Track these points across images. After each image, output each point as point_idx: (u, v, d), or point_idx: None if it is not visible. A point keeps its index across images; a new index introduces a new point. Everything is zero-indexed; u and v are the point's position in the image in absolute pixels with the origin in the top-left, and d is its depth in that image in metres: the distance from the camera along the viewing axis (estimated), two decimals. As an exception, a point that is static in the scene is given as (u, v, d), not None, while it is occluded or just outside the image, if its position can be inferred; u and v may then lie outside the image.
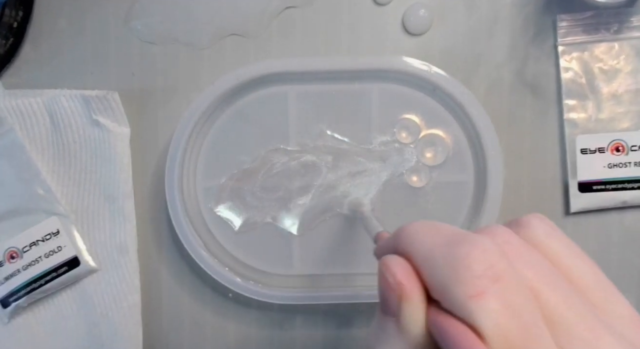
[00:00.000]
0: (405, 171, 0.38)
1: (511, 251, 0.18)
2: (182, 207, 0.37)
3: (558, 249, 0.19)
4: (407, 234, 0.20)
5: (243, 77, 0.37)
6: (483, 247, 0.18)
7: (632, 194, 0.38)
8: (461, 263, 0.17)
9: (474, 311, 0.17)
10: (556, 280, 0.18)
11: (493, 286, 0.17)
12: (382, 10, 0.39)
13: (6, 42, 0.39)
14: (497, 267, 0.17)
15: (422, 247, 0.19)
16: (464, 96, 0.36)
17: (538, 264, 0.18)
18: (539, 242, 0.19)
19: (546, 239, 0.19)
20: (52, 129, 0.38)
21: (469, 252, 0.18)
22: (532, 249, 0.19)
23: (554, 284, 0.18)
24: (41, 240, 0.38)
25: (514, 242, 0.19)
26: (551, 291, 0.18)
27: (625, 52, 0.38)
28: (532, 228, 0.20)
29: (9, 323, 0.39)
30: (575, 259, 0.19)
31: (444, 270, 0.18)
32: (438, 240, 0.19)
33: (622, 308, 0.18)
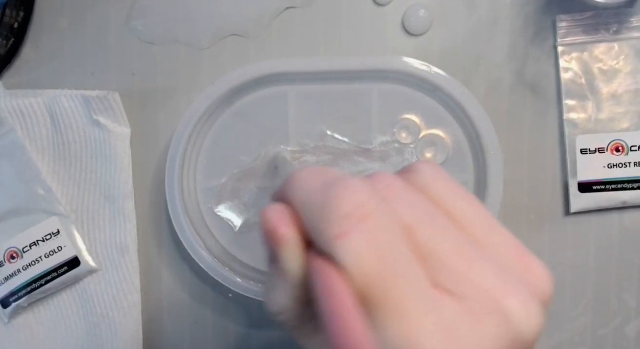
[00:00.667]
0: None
1: (391, 193, 0.19)
2: (182, 207, 0.37)
3: (442, 191, 0.20)
4: (292, 180, 0.21)
5: (243, 77, 0.37)
6: (353, 189, 0.18)
7: (632, 194, 0.38)
8: (330, 204, 0.18)
9: (338, 250, 0.17)
10: (434, 217, 0.19)
11: (358, 225, 0.17)
12: (382, 10, 0.39)
13: (7, 42, 0.39)
14: (365, 207, 0.18)
15: (300, 192, 0.20)
16: (464, 96, 0.36)
17: (417, 203, 0.19)
18: (425, 185, 0.20)
19: (432, 182, 0.20)
20: (53, 129, 0.38)
21: (338, 193, 0.18)
22: (415, 191, 0.19)
23: (430, 221, 0.18)
24: (41, 240, 0.38)
25: (395, 185, 0.19)
26: (426, 228, 0.18)
27: (625, 53, 0.38)
28: (419, 172, 0.20)
29: (9, 323, 0.39)
30: (458, 199, 0.20)
31: (315, 212, 0.18)
32: (316, 184, 0.19)
33: (503, 237, 0.19)
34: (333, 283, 0.17)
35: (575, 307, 0.39)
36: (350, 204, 0.18)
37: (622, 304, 0.39)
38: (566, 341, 0.40)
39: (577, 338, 0.40)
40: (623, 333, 0.40)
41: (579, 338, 0.40)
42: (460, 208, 0.20)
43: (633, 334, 0.40)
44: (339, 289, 0.17)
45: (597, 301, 0.39)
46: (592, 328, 0.39)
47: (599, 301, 0.39)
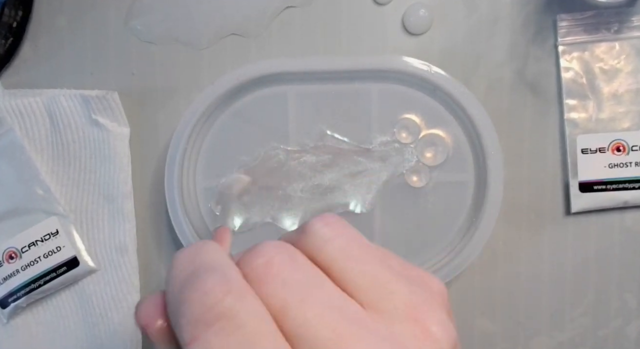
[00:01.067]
0: (405, 171, 0.38)
1: (267, 271, 0.18)
2: (182, 207, 0.37)
3: (332, 254, 0.19)
4: (171, 263, 0.20)
5: (243, 77, 0.37)
6: (206, 289, 0.17)
7: (633, 194, 0.38)
8: (182, 308, 0.17)
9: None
10: (310, 295, 0.17)
11: (208, 330, 0.16)
12: (382, 10, 0.39)
13: (5, 41, 0.39)
14: (217, 308, 0.17)
15: (168, 283, 0.19)
16: (464, 95, 0.36)
17: (293, 281, 0.18)
18: (315, 249, 0.19)
19: (322, 245, 0.19)
20: (52, 129, 0.38)
21: (189, 296, 0.17)
22: (294, 266, 0.18)
23: (303, 302, 0.17)
24: (40, 240, 0.38)
25: (274, 261, 0.18)
26: (298, 310, 0.17)
27: (626, 52, 0.38)
28: (311, 234, 0.19)
29: (7, 324, 0.39)
30: (350, 263, 0.18)
31: (174, 313, 0.18)
32: (181, 275, 0.18)
33: (398, 302, 0.18)
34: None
35: (576, 307, 0.39)
36: (202, 307, 0.17)
37: (623, 304, 0.39)
38: (567, 342, 0.39)
39: (578, 339, 0.39)
40: (624, 333, 0.39)
41: (579, 338, 0.39)
42: (350, 272, 0.18)
43: (634, 334, 0.39)
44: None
45: (598, 301, 0.39)
46: (593, 329, 0.39)
47: (600, 301, 0.39)
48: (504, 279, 0.39)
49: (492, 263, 0.39)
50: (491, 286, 0.39)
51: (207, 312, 0.17)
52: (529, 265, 0.39)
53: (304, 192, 0.38)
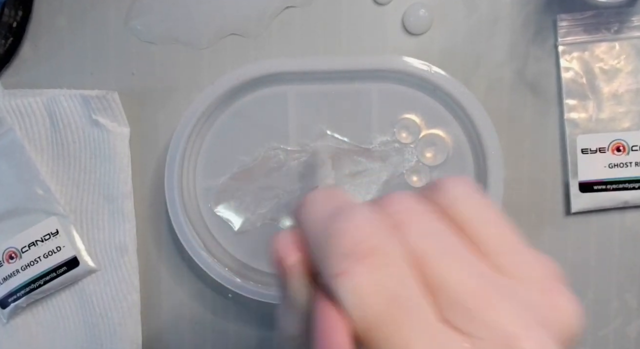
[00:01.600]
0: (405, 171, 0.38)
1: (404, 218, 0.18)
2: (182, 207, 0.37)
3: (467, 213, 0.18)
4: (304, 204, 0.20)
5: (243, 77, 0.37)
6: (356, 223, 0.17)
7: (633, 194, 0.38)
8: (331, 240, 0.17)
9: (338, 289, 0.16)
10: (450, 247, 0.17)
11: (359, 264, 0.16)
12: (382, 10, 0.39)
13: (5, 41, 0.39)
14: (367, 243, 0.17)
15: (309, 219, 0.19)
16: (464, 95, 0.36)
17: (432, 230, 0.18)
18: (449, 205, 0.19)
19: (456, 203, 0.19)
20: (52, 129, 0.38)
21: (340, 229, 0.17)
22: (433, 215, 0.18)
23: (445, 252, 0.17)
24: (40, 240, 0.38)
25: (410, 210, 0.18)
26: (439, 260, 0.17)
27: (626, 52, 0.38)
28: (444, 191, 0.19)
29: (7, 324, 0.39)
30: (485, 223, 0.18)
31: (319, 246, 0.18)
32: (323, 212, 0.18)
33: (532, 270, 0.18)
34: (329, 323, 0.16)
35: (576, 307, 0.39)
36: (352, 241, 0.17)
37: (623, 304, 0.39)
38: (567, 342, 0.39)
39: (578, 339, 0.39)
40: (624, 333, 0.39)
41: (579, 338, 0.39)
42: (486, 234, 0.18)
43: (634, 334, 0.39)
44: (334, 330, 0.16)
45: (598, 301, 0.39)
46: (593, 329, 0.39)
47: (600, 301, 0.39)
48: (504, 279, 0.39)
49: (492, 263, 0.39)
50: (491, 286, 0.39)
51: (357, 246, 0.17)
52: (529, 265, 0.39)
53: (304, 192, 0.38)
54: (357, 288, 0.16)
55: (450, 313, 0.16)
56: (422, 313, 0.16)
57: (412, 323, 0.16)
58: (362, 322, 0.16)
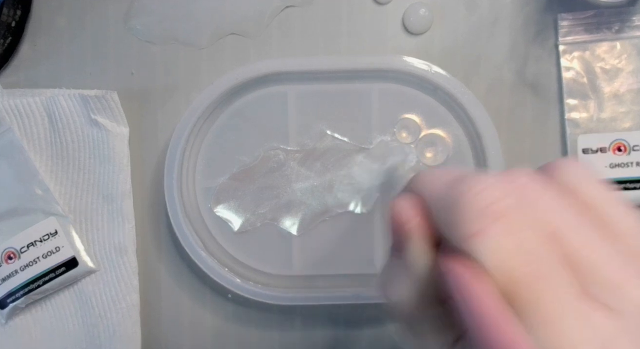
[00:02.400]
0: (405, 171, 0.38)
1: (531, 193, 0.17)
2: (181, 208, 0.37)
3: (593, 194, 0.18)
4: (420, 176, 0.20)
5: (242, 77, 0.37)
6: (485, 184, 0.17)
7: (634, 194, 0.38)
8: (462, 200, 0.17)
9: (476, 248, 0.16)
10: (582, 224, 0.17)
11: (496, 223, 0.16)
12: (382, 9, 0.39)
13: (4, 41, 0.39)
14: (501, 203, 0.16)
15: (431, 187, 0.19)
16: (465, 95, 0.36)
17: (561, 207, 0.17)
18: (572, 185, 0.18)
19: (581, 183, 0.18)
20: (51, 129, 0.38)
21: (470, 188, 0.17)
22: (559, 193, 0.18)
23: (578, 228, 0.17)
24: (39, 240, 0.38)
25: (534, 184, 0.17)
26: (575, 234, 0.16)
27: (627, 52, 0.37)
28: (565, 171, 0.18)
29: (6, 324, 0.39)
30: (611, 205, 0.18)
31: (447, 208, 0.17)
32: (446, 179, 0.18)
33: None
34: (473, 284, 0.16)
35: (577, 308, 0.39)
36: (486, 200, 0.16)
37: (624, 305, 0.39)
38: (568, 343, 0.39)
39: None
40: (625, 334, 0.39)
41: None
42: (614, 215, 0.17)
43: (635, 335, 0.39)
44: (482, 291, 0.16)
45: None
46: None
47: (601, 302, 0.39)
48: (504, 280, 0.39)
49: (492, 263, 0.39)
50: (492, 287, 0.39)
51: (491, 205, 0.16)
52: (529, 265, 0.39)
53: (303, 192, 0.38)
54: (498, 247, 0.16)
55: (592, 288, 0.16)
56: (565, 281, 0.16)
57: (556, 289, 0.15)
58: (505, 282, 0.16)
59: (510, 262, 0.16)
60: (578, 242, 0.16)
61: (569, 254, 0.16)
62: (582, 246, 0.16)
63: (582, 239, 0.16)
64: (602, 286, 0.16)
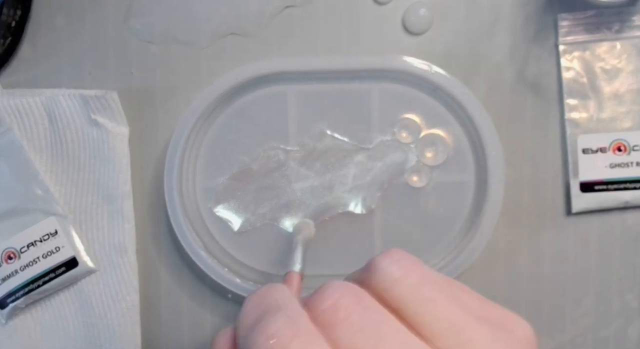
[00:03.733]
0: (405, 171, 0.38)
1: (334, 317, 0.17)
2: (181, 208, 0.37)
3: (404, 296, 0.18)
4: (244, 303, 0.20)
5: (242, 76, 0.37)
6: (270, 332, 0.17)
7: (634, 194, 0.38)
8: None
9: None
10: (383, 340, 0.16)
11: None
12: (382, 9, 0.39)
13: (4, 41, 0.39)
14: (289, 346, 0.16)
15: (240, 325, 0.19)
16: (465, 95, 0.36)
17: (365, 325, 0.17)
18: (384, 289, 0.18)
19: (392, 286, 0.18)
20: (51, 129, 0.38)
21: (256, 341, 0.17)
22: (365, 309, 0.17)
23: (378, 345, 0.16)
24: (39, 240, 0.38)
25: (341, 304, 0.17)
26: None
27: (627, 52, 0.37)
28: (378, 273, 0.18)
29: (6, 324, 0.39)
30: (424, 305, 0.17)
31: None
32: (249, 318, 0.18)
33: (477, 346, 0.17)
34: None
35: (577, 308, 0.39)
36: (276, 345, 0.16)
37: (625, 305, 0.39)
38: (568, 343, 0.39)
39: (579, 339, 0.39)
40: (625, 334, 0.39)
41: (580, 339, 0.39)
42: (424, 316, 0.17)
43: (636, 335, 0.39)
44: None
45: (599, 302, 0.39)
46: (594, 329, 0.39)
47: (601, 302, 0.39)
48: (504, 279, 0.39)
49: (492, 263, 0.39)
50: (491, 286, 0.39)
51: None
52: (529, 265, 0.39)
53: (303, 192, 0.38)
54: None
55: None
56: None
57: None
58: None
59: None
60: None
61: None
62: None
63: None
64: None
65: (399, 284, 0.18)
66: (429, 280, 0.18)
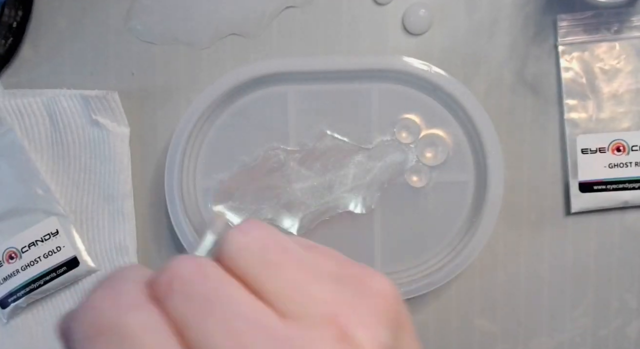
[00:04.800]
0: (405, 171, 0.38)
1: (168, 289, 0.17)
2: (182, 207, 0.37)
3: (248, 263, 0.17)
4: None
5: (243, 77, 0.37)
6: (91, 305, 0.17)
7: (633, 194, 0.38)
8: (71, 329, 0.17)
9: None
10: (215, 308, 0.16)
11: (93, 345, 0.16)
12: (382, 10, 0.39)
13: (5, 41, 0.39)
14: (102, 320, 0.16)
15: None
16: (464, 95, 0.36)
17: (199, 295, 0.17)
18: (231, 258, 0.18)
19: (238, 254, 0.18)
20: (52, 129, 0.38)
21: (76, 315, 0.17)
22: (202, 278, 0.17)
23: (209, 313, 0.16)
24: (40, 240, 0.38)
25: (178, 276, 0.17)
26: (202, 321, 0.16)
27: (626, 52, 0.38)
28: (227, 244, 0.18)
29: (7, 324, 0.39)
30: (265, 269, 0.17)
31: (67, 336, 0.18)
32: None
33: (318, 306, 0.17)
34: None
35: (576, 307, 0.39)
36: (86, 324, 0.17)
37: (624, 304, 0.39)
38: (567, 342, 0.39)
39: (578, 339, 0.39)
40: (624, 333, 0.39)
41: (579, 338, 0.39)
42: (265, 279, 0.17)
43: (634, 335, 0.39)
44: None
45: (598, 301, 0.39)
46: (593, 329, 0.39)
47: (600, 301, 0.39)
48: (504, 279, 0.39)
49: (492, 263, 0.39)
50: (491, 286, 0.39)
51: (91, 327, 0.16)
52: (529, 265, 0.39)
53: (303, 192, 0.38)
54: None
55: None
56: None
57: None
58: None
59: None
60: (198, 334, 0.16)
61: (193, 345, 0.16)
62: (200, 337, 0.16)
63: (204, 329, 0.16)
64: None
65: (243, 252, 0.18)
66: (275, 246, 0.18)
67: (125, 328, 0.16)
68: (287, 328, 0.16)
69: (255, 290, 0.17)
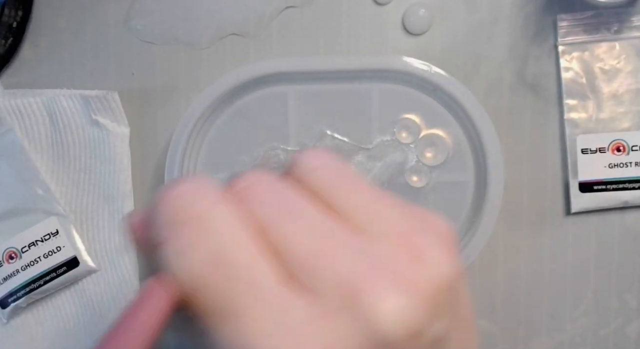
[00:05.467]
0: (405, 171, 0.38)
1: (249, 192, 0.18)
2: (182, 208, 0.37)
3: (320, 181, 0.18)
4: None
5: (243, 77, 0.37)
6: (178, 192, 0.17)
7: (633, 194, 0.38)
8: (157, 212, 0.17)
9: (161, 257, 0.17)
10: (294, 213, 0.17)
11: (180, 230, 0.16)
12: (382, 10, 0.39)
13: (5, 41, 0.39)
14: (189, 210, 0.17)
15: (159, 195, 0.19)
16: (464, 95, 0.36)
17: (277, 200, 0.18)
18: (302, 176, 0.19)
19: (309, 173, 0.19)
20: (52, 129, 0.38)
21: (163, 200, 0.17)
22: (279, 187, 0.18)
23: (288, 217, 0.17)
24: (40, 240, 0.38)
25: (256, 184, 0.18)
26: (282, 224, 0.17)
27: (626, 52, 0.38)
28: (297, 164, 0.19)
29: (7, 324, 0.39)
30: (341, 188, 0.18)
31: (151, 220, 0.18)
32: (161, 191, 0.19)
33: (388, 226, 0.18)
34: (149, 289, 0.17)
35: (576, 307, 0.39)
36: (169, 211, 0.17)
37: (624, 304, 0.39)
38: (567, 342, 0.39)
39: (578, 339, 0.39)
40: (624, 333, 0.39)
41: (580, 338, 0.39)
42: (342, 198, 0.18)
43: (634, 334, 0.39)
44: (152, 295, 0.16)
45: (598, 301, 0.39)
46: (593, 329, 0.39)
47: (600, 301, 0.39)
48: (504, 279, 0.39)
49: (492, 263, 0.39)
50: (491, 286, 0.39)
51: (180, 213, 0.17)
52: (529, 265, 0.39)
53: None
54: (177, 251, 0.16)
55: (294, 274, 0.16)
56: (257, 273, 0.16)
57: (244, 282, 0.16)
58: (187, 285, 0.16)
59: (190, 263, 0.16)
60: (281, 234, 0.17)
61: (275, 245, 0.17)
62: (283, 237, 0.17)
63: (288, 228, 0.17)
64: (304, 271, 0.16)
65: (316, 172, 0.19)
66: (346, 171, 0.19)
67: (213, 220, 0.17)
68: (360, 240, 0.17)
69: (328, 206, 0.18)
